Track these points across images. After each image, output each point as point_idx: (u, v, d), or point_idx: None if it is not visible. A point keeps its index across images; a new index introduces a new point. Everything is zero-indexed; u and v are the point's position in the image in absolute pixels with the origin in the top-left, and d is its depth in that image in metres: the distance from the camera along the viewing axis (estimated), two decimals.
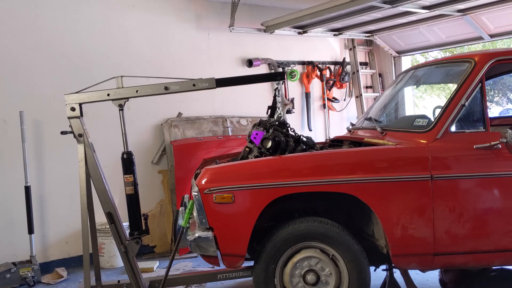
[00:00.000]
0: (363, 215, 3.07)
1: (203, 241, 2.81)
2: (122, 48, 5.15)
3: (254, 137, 3.23)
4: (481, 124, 3.00)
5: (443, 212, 2.85)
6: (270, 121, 3.52)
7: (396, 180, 2.84)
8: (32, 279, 4.27)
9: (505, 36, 5.62)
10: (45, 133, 4.69)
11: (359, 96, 6.90)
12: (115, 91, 3.44)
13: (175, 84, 3.47)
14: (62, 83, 4.69)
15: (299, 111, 6.53)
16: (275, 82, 3.79)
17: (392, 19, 5.63)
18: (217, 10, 5.80)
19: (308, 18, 5.39)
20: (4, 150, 4.52)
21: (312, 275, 2.89)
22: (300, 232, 2.88)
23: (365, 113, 4.27)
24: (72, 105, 3.38)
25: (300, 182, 2.82)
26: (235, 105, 5.86)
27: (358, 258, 2.89)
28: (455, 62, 3.45)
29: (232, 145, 5.24)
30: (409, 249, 2.87)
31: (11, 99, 4.54)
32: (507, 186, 2.93)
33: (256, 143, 3.23)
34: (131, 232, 3.38)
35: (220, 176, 2.86)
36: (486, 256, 2.97)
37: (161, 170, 5.29)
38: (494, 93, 14.62)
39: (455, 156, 2.92)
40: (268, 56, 6.16)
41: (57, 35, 4.80)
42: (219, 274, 3.46)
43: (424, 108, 13.90)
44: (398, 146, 3.00)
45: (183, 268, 4.59)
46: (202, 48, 5.72)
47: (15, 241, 4.52)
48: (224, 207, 2.80)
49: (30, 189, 4.43)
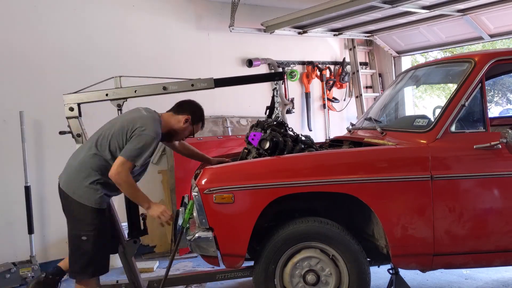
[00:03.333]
0: (363, 215, 3.07)
1: (203, 241, 2.80)
2: (122, 48, 5.15)
3: (252, 139, 3.22)
4: (481, 124, 2.99)
5: (443, 212, 2.85)
6: (268, 121, 3.51)
7: (396, 180, 2.84)
8: (32, 279, 4.27)
9: (505, 36, 5.62)
10: (45, 133, 4.69)
11: (359, 96, 6.90)
12: (114, 91, 3.44)
13: (173, 84, 3.48)
14: (62, 83, 4.67)
15: (299, 111, 6.53)
16: (274, 82, 3.79)
17: (392, 19, 5.63)
18: (217, 10, 5.80)
19: (308, 18, 5.39)
20: (4, 150, 4.52)
21: (312, 275, 2.89)
22: (300, 232, 2.88)
23: (365, 113, 4.27)
24: (70, 105, 3.38)
25: (300, 182, 2.82)
26: (235, 105, 5.86)
27: (358, 258, 2.88)
28: (455, 62, 3.45)
29: (232, 145, 5.24)
30: (409, 249, 2.87)
31: (11, 99, 4.54)
32: (507, 186, 2.93)
33: (254, 144, 3.22)
34: (130, 232, 3.38)
35: (220, 176, 2.86)
36: (486, 256, 2.97)
37: (161, 170, 5.29)
38: (494, 93, 14.63)
39: (455, 156, 2.92)
40: (268, 56, 6.16)
41: (57, 35, 4.80)
42: (219, 274, 3.46)
43: (424, 108, 13.91)
44: (398, 146, 3.00)
45: (183, 268, 4.59)
46: (202, 48, 5.72)
47: (15, 241, 4.51)
48: (224, 207, 2.80)
49: (30, 189, 4.43)
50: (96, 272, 2.97)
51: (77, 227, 2.92)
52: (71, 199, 2.93)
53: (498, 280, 3.90)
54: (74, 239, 2.93)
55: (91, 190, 2.92)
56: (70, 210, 2.95)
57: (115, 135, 2.96)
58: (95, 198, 2.92)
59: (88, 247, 2.90)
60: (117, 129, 2.98)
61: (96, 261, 2.94)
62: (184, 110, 3.20)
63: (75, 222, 2.93)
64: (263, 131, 3.28)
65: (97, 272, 2.98)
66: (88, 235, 2.90)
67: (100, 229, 2.95)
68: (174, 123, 3.17)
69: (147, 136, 2.90)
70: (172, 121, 3.17)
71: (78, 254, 2.92)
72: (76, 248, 2.93)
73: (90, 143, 3.04)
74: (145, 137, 2.89)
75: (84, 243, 2.90)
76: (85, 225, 2.90)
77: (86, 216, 2.91)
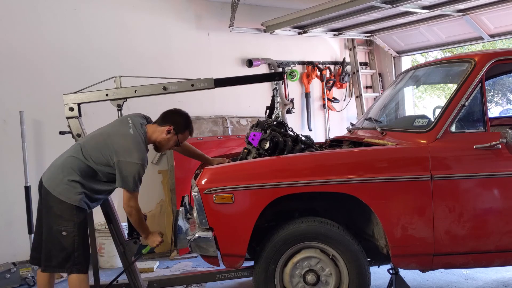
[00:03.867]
0: (363, 215, 3.07)
1: (203, 241, 2.80)
2: (122, 48, 5.15)
3: (252, 139, 3.22)
4: (481, 124, 2.99)
5: (443, 212, 2.85)
6: (268, 121, 3.51)
7: (396, 180, 2.84)
8: (32, 279, 4.26)
9: (505, 36, 5.62)
10: (45, 133, 4.69)
11: (359, 96, 6.90)
12: (114, 91, 3.43)
13: (173, 84, 3.47)
14: (62, 83, 4.68)
15: (299, 111, 6.53)
16: (274, 82, 3.79)
17: (392, 19, 5.63)
18: (217, 10, 5.80)
19: (308, 18, 5.39)
20: (4, 150, 4.52)
21: (312, 275, 2.89)
22: (300, 232, 2.88)
23: (365, 113, 4.26)
24: (70, 105, 3.38)
25: (300, 182, 2.82)
26: (235, 105, 5.86)
27: (358, 258, 2.89)
28: (455, 62, 3.45)
29: (232, 145, 5.24)
30: (409, 250, 2.87)
31: (11, 99, 4.54)
32: (507, 186, 2.92)
33: (254, 145, 3.22)
34: (130, 232, 3.38)
35: (220, 176, 2.86)
36: (486, 256, 2.97)
37: (161, 170, 5.29)
38: (494, 93, 14.63)
39: (455, 156, 2.92)
40: (268, 56, 6.16)
41: (57, 35, 4.80)
42: (219, 274, 3.47)
43: (424, 108, 13.91)
44: (398, 146, 3.00)
45: (183, 268, 4.59)
46: (202, 48, 5.72)
47: (15, 241, 4.52)
48: (224, 207, 2.80)
49: (30, 189, 4.43)
50: (74, 268, 2.97)
51: (57, 222, 2.95)
52: (51, 195, 2.97)
53: (498, 280, 3.90)
54: (54, 234, 2.95)
55: (70, 188, 2.96)
56: (50, 206, 2.98)
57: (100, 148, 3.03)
58: (75, 195, 2.96)
59: (68, 242, 2.93)
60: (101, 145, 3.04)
61: (74, 257, 2.96)
62: (166, 121, 3.23)
63: (55, 218, 2.96)
64: (263, 131, 3.28)
65: (75, 268, 2.97)
66: (68, 231, 2.93)
67: (80, 226, 2.98)
68: (157, 135, 3.21)
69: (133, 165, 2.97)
70: (155, 133, 3.21)
71: (57, 249, 2.94)
72: (55, 243, 2.95)
73: (76, 146, 3.13)
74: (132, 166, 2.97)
75: (64, 238, 2.93)
76: (65, 221, 2.94)
77: (65, 212, 2.95)
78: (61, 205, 2.95)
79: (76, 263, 2.97)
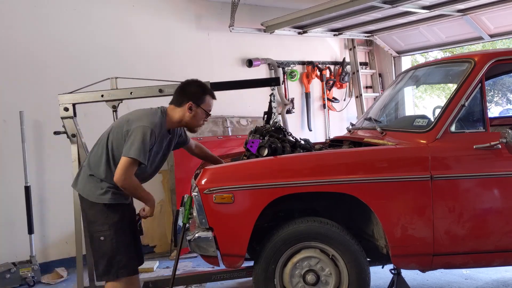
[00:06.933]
0: (363, 215, 3.07)
1: (203, 241, 2.80)
2: (122, 48, 5.15)
3: (251, 146, 3.20)
4: (481, 124, 2.99)
5: (443, 212, 2.85)
6: (266, 127, 3.50)
7: (396, 180, 2.84)
8: (32, 279, 4.27)
9: (505, 36, 5.62)
10: (45, 133, 4.69)
11: (359, 96, 6.90)
12: (109, 92, 3.42)
13: (169, 87, 3.47)
14: (62, 83, 4.67)
15: (299, 111, 6.53)
16: (271, 88, 3.79)
17: (392, 19, 5.64)
18: (217, 10, 5.80)
19: (308, 18, 5.39)
20: (4, 150, 4.52)
21: (312, 275, 2.89)
22: (300, 232, 2.88)
23: (365, 113, 4.27)
24: (65, 105, 3.37)
25: (300, 182, 2.82)
26: (235, 105, 5.85)
27: (358, 258, 2.88)
28: (455, 62, 3.45)
29: (232, 145, 5.24)
30: (408, 250, 2.87)
31: (11, 99, 4.54)
32: (507, 186, 2.92)
33: (252, 152, 3.21)
34: None
35: (220, 176, 2.86)
36: (485, 256, 2.97)
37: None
38: (494, 93, 14.63)
39: (455, 156, 2.92)
40: (268, 56, 6.16)
41: (57, 35, 4.81)
42: (218, 274, 3.47)
43: (424, 108, 13.90)
44: (398, 146, 3.00)
45: (183, 268, 4.59)
46: (202, 48, 5.72)
47: (15, 241, 4.52)
48: (224, 207, 2.80)
49: (30, 189, 4.43)
50: (120, 272, 2.82)
51: (94, 229, 2.84)
52: (83, 199, 2.89)
53: (498, 280, 3.90)
54: (95, 241, 2.84)
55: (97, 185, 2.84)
56: (85, 213, 2.91)
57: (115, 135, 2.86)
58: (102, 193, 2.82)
59: (107, 247, 2.80)
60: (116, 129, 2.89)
61: (117, 261, 2.81)
62: (182, 98, 2.96)
63: (91, 225, 2.86)
64: (261, 138, 3.27)
65: (120, 272, 2.82)
66: (105, 235, 2.81)
67: (117, 227, 2.83)
68: (181, 116, 2.96)
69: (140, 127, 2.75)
70: (176, 115, 2.96)
71: (98, 255, 2.84)
72: (97, 250, 2.84)
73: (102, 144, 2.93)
74: (139, 129, 2.75)
75: (103, 244, 2.81)
76: (99, 225, 2.82)
77: (97, 216, 2.83)
78: (92, 210, 2.84)
79: (120, 267, 2.82)
